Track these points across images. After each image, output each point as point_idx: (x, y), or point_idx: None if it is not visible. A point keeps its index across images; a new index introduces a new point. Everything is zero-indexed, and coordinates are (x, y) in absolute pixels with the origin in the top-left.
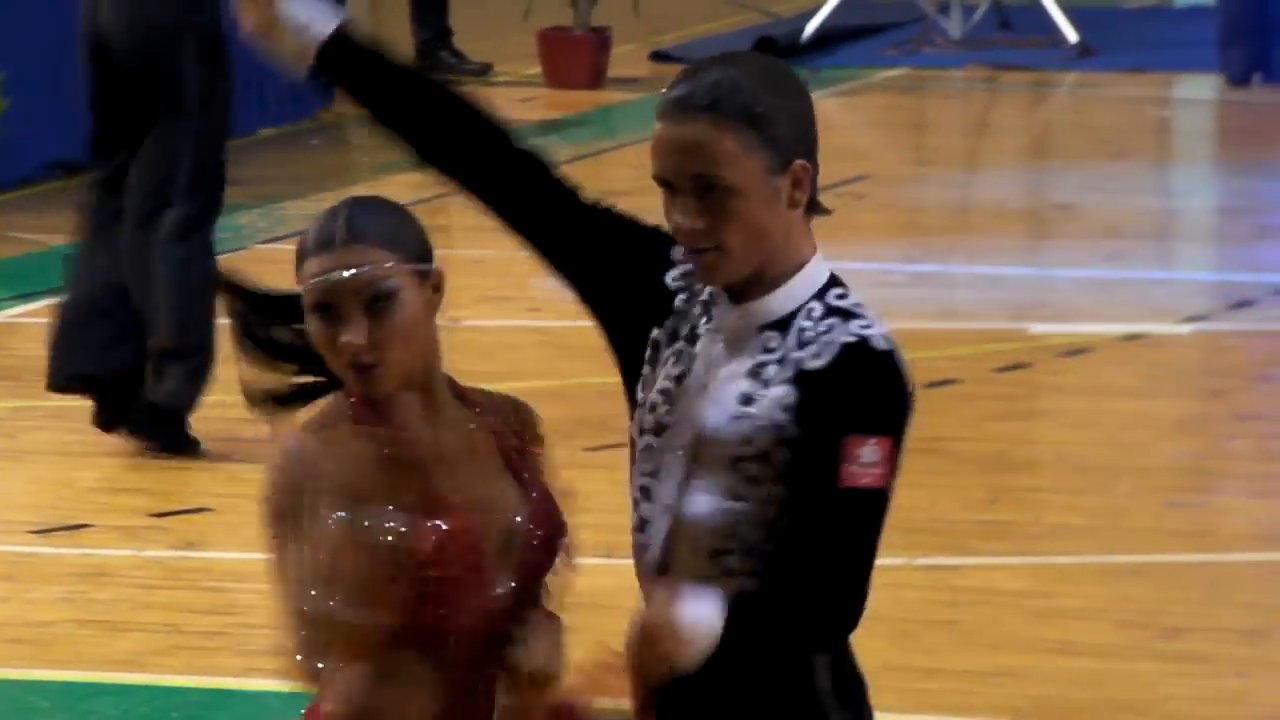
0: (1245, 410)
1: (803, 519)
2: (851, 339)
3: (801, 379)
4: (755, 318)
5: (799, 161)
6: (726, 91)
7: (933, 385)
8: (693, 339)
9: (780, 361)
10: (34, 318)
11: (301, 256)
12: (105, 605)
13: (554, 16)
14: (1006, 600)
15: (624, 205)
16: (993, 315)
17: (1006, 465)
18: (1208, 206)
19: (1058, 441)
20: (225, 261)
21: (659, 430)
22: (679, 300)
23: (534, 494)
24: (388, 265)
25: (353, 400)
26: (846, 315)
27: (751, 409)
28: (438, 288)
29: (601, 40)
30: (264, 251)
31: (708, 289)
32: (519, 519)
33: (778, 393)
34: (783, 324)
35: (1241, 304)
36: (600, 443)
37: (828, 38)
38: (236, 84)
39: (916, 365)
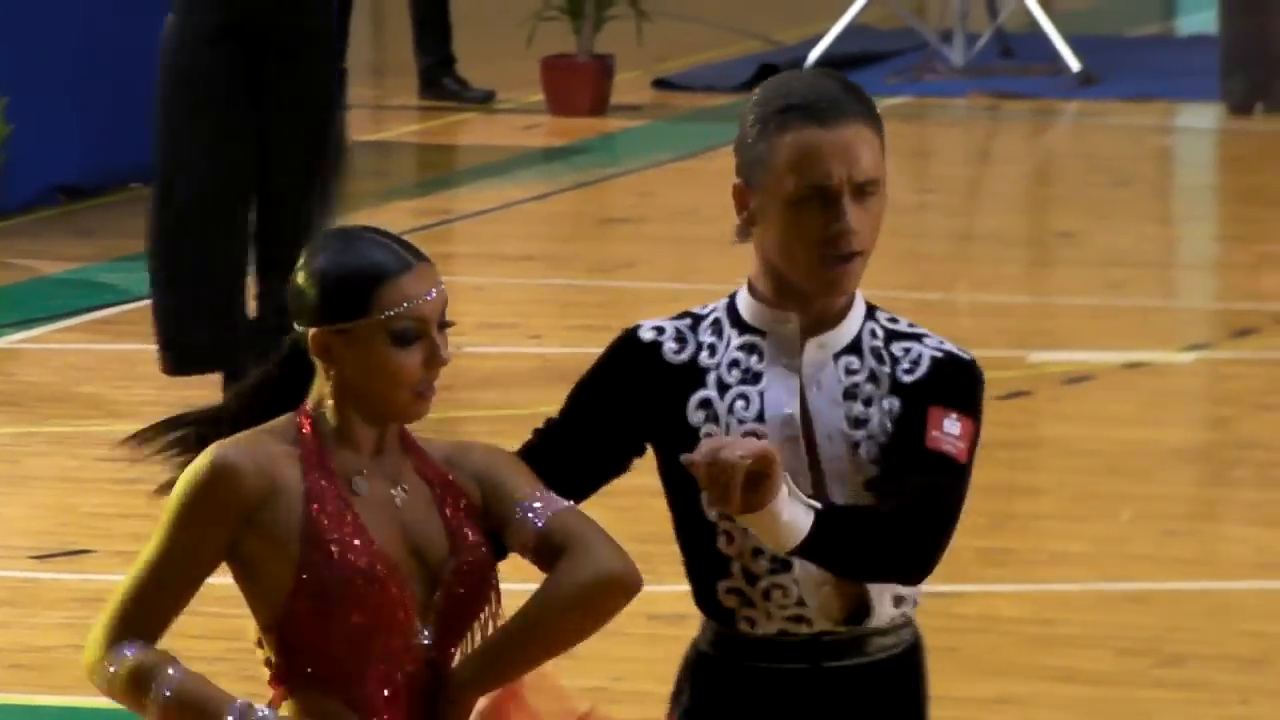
0: (1246, 438)
1: (895, 469)
2: (939, 354)
3: (900, 390)
4: (830, 347)
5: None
6: (865, 95)
7: None
8: (755, 379)
9: (872, 379)
10: (35, 344)
11: (378, 281)
12: None
13: (557, 44)
14: (1007, 627)
15: (625, 232)
16: (994, 343)
17: (1007, 492)
18: (1209, 234)
19: (1058, 469)
20: None
21: None
22: (701, 360)
23: (463, 545)
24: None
25: (304, 432)
26: (917, 336)
27: (866, 430)
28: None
29: (604, 67)
30: None
31: (714, 336)
32: (446, 570)
33: (885, 405)
34: (854, 348)
35: (1243, 332)
36: None
37: (830, 65)
38: None
39: None
